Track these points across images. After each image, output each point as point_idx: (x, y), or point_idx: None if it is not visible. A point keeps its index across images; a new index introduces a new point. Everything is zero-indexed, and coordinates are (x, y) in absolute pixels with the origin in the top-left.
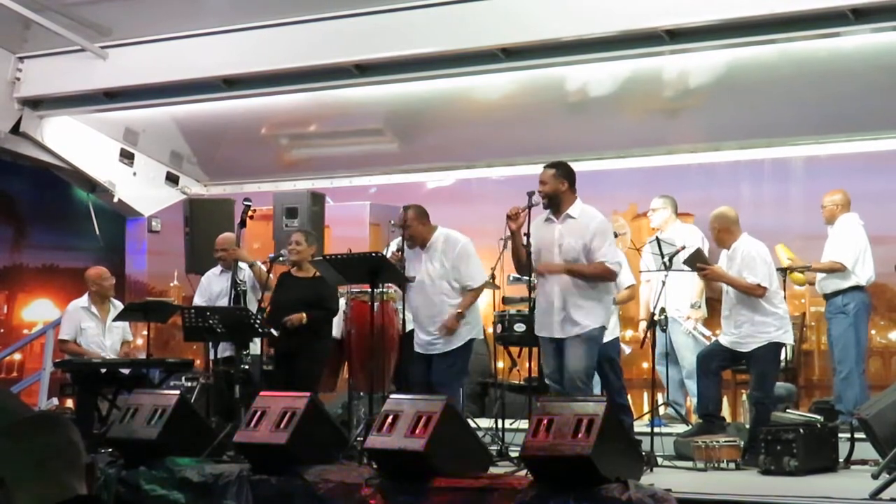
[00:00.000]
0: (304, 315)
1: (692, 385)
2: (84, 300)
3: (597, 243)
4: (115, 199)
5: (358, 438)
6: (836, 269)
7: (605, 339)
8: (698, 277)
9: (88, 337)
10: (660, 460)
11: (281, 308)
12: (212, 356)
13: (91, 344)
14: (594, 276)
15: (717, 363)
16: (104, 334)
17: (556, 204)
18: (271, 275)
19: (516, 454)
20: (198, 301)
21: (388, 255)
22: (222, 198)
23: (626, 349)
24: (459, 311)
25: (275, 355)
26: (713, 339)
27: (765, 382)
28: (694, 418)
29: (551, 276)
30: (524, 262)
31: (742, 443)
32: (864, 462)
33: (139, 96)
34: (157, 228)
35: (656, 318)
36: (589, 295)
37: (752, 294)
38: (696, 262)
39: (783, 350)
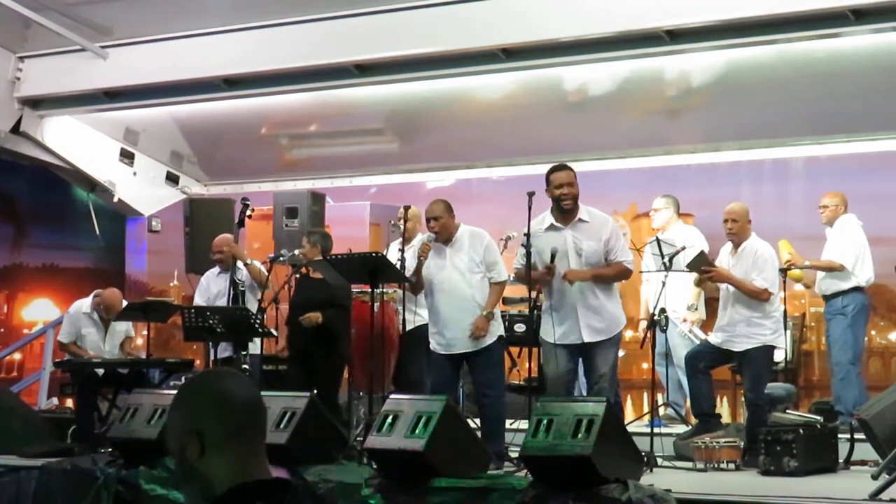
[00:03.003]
0: (320, 315)
1: None
2: (87, 305)
3: (613, 243)
4: (115, 199)
5: (358, 438)
6: (835, 268)
7: None
8: (697, 282)
9: (87, 343)
10: (659, 461)
11: (295, 309)
12: (212, 356)
13: (90, 350)
14: (616, 278)
15: (704, 363)
16: (104, 341)
17: (574, 208)
18: (271, 275)
19: (516, 454)
20: (197, 301)
21: (421, 245)
22: (222, 198)
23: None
24: (487, 311)
25: (290, 355)
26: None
27: (759, 384)
28: (693, 419)
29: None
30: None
31: (742, 443)
32: (863, 463)
33: (139, 96)
34: (157, 228)
35: (656, 318)
36: (609, 297)
37: (757, 298)
38: (701, 265)
39: (779, 352)
